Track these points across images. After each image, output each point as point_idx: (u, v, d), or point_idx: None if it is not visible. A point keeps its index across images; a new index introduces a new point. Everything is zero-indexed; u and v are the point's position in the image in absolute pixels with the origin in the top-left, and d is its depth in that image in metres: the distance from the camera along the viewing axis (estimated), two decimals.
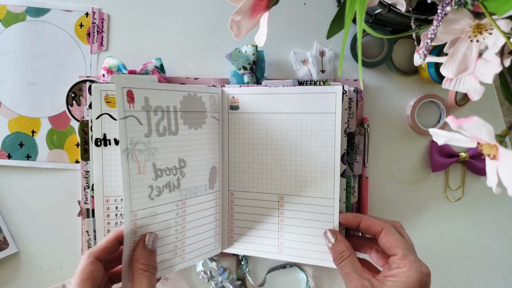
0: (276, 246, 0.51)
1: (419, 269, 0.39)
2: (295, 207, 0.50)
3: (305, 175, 0.50)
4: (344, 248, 0.44)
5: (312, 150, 0.49)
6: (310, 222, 0.49)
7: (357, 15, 0.28)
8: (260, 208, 0.52)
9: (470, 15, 0.30)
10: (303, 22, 0.58)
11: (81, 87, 0.55)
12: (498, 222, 0.59)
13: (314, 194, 0.49)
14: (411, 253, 0.41)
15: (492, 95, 0.58)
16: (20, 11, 0.55)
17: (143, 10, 0.57)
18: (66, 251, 0.56)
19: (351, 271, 0.41)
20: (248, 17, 0.33)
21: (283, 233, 0.51)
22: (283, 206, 0.51)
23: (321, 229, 0.48)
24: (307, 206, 0.50)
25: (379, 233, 0.43)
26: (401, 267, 0.40)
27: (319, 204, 0.49)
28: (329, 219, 0.48)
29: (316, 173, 0.49)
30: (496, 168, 0.28)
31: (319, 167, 0.49)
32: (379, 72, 0.58)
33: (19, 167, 0.56)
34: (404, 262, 0.40)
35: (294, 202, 0.50)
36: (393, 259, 0.41)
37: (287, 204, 0.50)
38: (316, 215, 0.49)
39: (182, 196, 0.48)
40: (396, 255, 0.41)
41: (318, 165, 0.49)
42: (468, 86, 0.34)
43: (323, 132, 0.49)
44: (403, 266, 0.40)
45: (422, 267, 0.40)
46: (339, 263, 0.43)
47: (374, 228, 0.44)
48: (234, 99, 0.52)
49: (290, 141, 0.50)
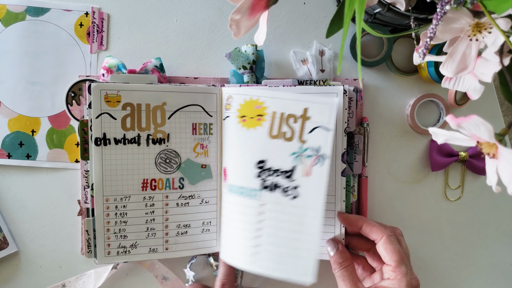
0: None
1: (409, 281, 0.42)
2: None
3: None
4: (344, 258, 0.46)
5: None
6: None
7: (356, 14, 0.28)
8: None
9: (469, 14, 0.30)
10: (303, 21, 0.58)
11: (81, 86, 0.55)
12: (498, 221, 0.59)
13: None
14: (404, 265, 0.43)
15: (492, 94, 0.58)
16: (20, 10, 0.55)
17: (143, 9, 0.57)
18: (66, 251, 0.56)
19: (347, 281, 0.44)
20: (247, 16, 0.33)
21: None
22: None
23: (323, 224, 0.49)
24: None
25: (379, 239, 0.45)
26: (392, 278, 0.42)
27: None
28: (331, 215, 0.49)
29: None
30: (495, 167, 0.28)
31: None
32: (379, 71, 0.58)
33: (19, 166, 0.56)
34: (396, 274, 0.42)
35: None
36: (386, 268, 0.44)
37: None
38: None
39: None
40: (389, 265, 0.43)
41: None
42: (468, 85, 0.34)
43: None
44: (394, 278, 0.42)
45: (413, 279, 0.42)
46: (337, 272, 0.46)
47: (375, 234, 0.46)
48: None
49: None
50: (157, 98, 0.50)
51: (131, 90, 0.49)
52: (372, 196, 0.57)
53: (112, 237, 0.49)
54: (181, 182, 0.51)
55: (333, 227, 0.49)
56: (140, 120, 0.50)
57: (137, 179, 0.50)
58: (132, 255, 0.50)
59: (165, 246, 0.51)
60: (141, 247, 0.50)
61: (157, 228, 0.50)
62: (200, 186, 0.52)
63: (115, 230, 0.49)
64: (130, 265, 0.56)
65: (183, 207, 0.51)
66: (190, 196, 0.52)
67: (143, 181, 0.50)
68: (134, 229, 0.50)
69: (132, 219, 0.50)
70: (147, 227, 0.50)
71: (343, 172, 0.49)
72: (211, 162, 0.52)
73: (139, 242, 0.50)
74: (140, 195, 0.50)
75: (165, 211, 0.51)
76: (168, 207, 0.51)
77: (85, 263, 0.56)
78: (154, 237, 0.50)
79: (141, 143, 0.50)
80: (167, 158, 0.51)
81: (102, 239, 0.49)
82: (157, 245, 0.50)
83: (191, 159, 0.52)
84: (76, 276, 0.55)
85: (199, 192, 0.52)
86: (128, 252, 0.50)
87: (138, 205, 0.50)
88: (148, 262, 0.55)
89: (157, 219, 0.50)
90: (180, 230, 0.51)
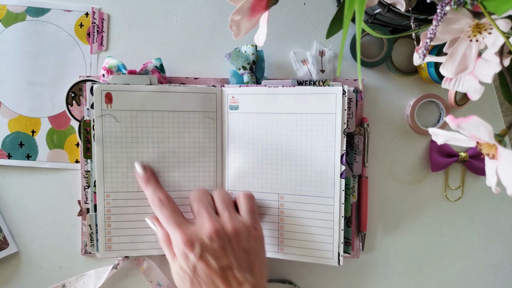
0: (276, 245, 0.51)
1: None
2: (295, 206, 0.50)
3: (305, 175, 0.50)
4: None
5: (312, 151, 0.49)
6: (310, 221, 0.49)
7: (356, 15, 0.28)
8: (260, 207, 0.52)
9: (469, 14, 0.30)
10: (303, 22, 0.58)
11: (81, 87, 0.55)
12: (498, 221, 0.59)
13: (314, 193, 0.49)
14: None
15: (492, 95, 0.58)
16: (20, 11, 0.55)
17: (143, 10, 0.57)
18: (66, 251, 0.56)
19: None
20: (247, 16, 0.33)
21: (283, 232, 0.51)
22: (283, 206, 0.51)
23: (320, 227, 0.49)
24: (307, 205, 0.50)
25: None
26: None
27: (319, 203, 0.49)
28: (329, 218, 0.48)
29: (316, 173, 0.49)
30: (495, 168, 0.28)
31: (319, 167, 0.49)
32: (379, 72, 0.58)
33: (19, 167, 0.56)
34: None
35: (294, 202, 0.50)
36: None
37: (287, 204, 0.50)
38: (316, 214, 0.49)
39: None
40: None
41: (318, 165, 0.49)
42: (468, 85, 0.34)
43: (323, 133, 0.49)
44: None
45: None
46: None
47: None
48: (234, 99, 0.52)
49: (290, 141, 0.50)
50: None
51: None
52: (372, 196, 0.57)
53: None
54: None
55: (332, 230, 0.49)
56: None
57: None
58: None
59: None
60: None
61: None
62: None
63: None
64: (130, 265, 0.56)
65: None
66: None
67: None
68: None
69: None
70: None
71: (342, 174, 0.49)
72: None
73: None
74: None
75: None
76: None
77: (85, 264, 0.56)
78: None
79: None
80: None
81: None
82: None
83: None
84: (76, 277, 0.55)
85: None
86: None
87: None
88: (145, 265, 0.55)
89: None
90: None
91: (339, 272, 0.57)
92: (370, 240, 0.57)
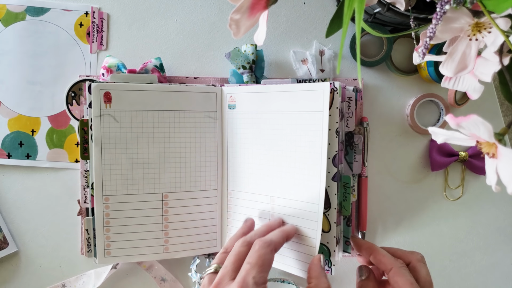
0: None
1: None
2: (283, 211, 0.48)
3: (293, 177, 0.47)
4: (370, 286, 0.44)
5: (301, 151, 0.47)
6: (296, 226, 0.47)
7: (355, 14, 0.28)
8: (251, 209, 0.51)
9: (469, 13, 0.30)
10: (303, 21, 0.58)
11: (81, 86, 0.55)
12: (498, 221, 0.59)
13: (301, 198, 0.47)
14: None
15: (492, 94, 0.58)
16: (20, 10, 0.55)
17: (143, 9, 0.57)
18: (66, 250, 0.56)
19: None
20: (247, 15, 0.33)
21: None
22: (274, 209, 0.49)
23: (303, 236, 0.46)
24: (294, 210, 0.47)
25: (388, 271, 0.43)
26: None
27: (304, 209, 0.46)
28: (313, 226, 0.45)
29: (303, 175, 0.46)
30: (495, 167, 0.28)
31: (306, 169, 0.46)
32: (379, 71, 0.58)
33: (19, 166, 0.56)
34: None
35: (282, 205, 0.49)
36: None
37: (277, 207, 0.49)
38: (301, 220, 0.47)
39: (161, 189, 0.50)
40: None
41: (306, 167, 0.46)
42: (467, 84, 0.34)
43: (311, 132, 0.46)
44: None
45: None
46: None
47: (383, 266, 0.43)
48: (232, 98, 0.52)
49: (281, 141, 0.48)
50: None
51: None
52: (372, 196, 0.57)
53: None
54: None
55: (315, 231, 0.45)
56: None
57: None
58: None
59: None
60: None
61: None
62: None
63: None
64: (129, 265, 0.56)
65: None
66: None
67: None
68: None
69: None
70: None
71: (334, 177, 0.45)
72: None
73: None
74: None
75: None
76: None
77: (85, 263, 0.56)
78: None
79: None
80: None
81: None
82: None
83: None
84: (76, 276, 0.55)
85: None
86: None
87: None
88: (147, 263, 0.55)
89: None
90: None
91: (339, 272, 0.57)
92: (370, 239, 0.57)
